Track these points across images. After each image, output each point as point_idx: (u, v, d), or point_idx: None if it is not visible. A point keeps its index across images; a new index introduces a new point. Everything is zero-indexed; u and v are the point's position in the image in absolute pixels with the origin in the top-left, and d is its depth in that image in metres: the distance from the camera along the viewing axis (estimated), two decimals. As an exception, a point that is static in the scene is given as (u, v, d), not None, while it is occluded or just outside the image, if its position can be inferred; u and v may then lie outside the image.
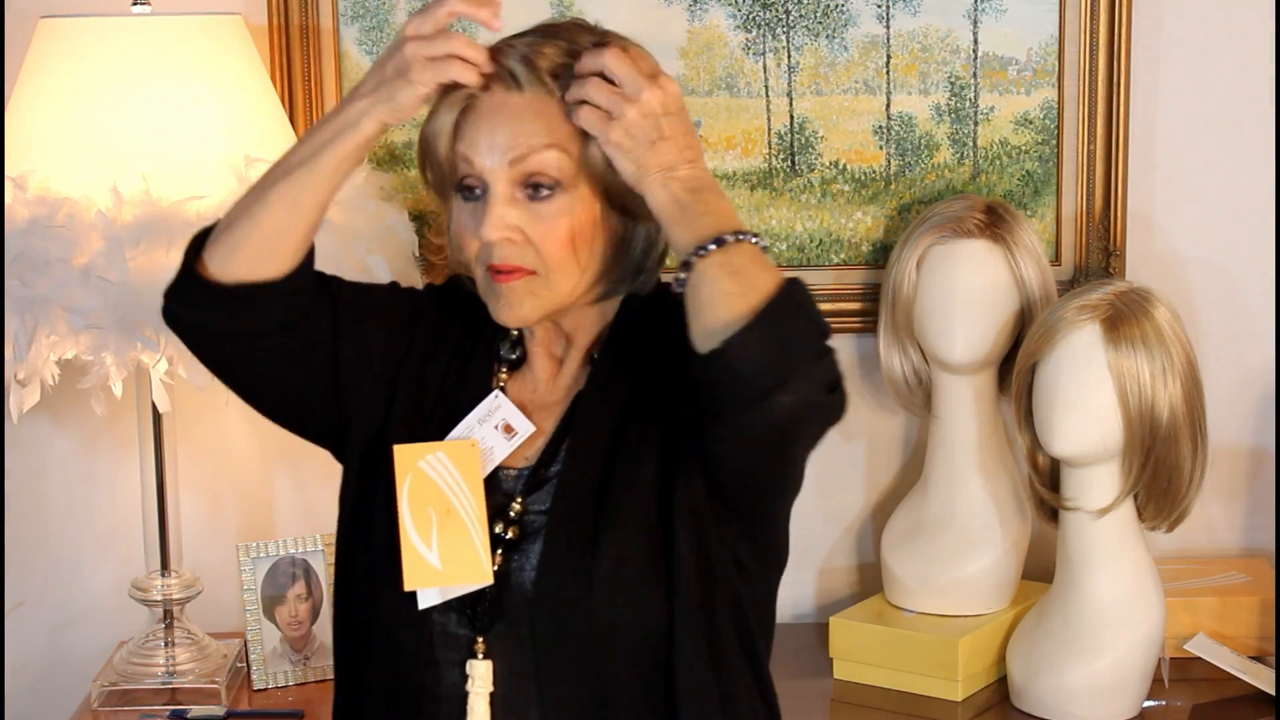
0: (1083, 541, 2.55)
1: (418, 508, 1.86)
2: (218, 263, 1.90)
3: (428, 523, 1.86)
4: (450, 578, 1.86)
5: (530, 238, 1.85)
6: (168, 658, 2.71)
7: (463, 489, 1.87)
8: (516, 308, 1.87)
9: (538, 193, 1.84)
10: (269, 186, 1.89)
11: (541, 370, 1.98)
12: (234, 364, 1.98)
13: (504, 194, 1.84)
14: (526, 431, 1.92)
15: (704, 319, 1.73)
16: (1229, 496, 2.96)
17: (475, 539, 1.86)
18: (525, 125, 1.83)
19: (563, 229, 1.85)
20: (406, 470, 1.87)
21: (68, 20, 2.56)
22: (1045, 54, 2.85)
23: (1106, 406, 2.48)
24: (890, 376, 2.80)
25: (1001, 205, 2.74)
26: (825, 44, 2.85)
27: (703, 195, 1.78)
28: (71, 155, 2.51)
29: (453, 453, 1.89)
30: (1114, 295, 2.51)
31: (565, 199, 1.85)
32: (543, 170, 1.83)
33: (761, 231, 2.88)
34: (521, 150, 1.83)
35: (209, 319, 1.92)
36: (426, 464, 1.88)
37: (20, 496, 2.92)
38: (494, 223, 1.83)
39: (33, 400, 2.53)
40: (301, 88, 2.82)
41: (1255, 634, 2.72)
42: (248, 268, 1.89)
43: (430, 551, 1.86)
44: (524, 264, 1.85)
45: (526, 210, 1.84)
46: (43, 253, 2.45)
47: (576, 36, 1.87)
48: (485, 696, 1.86)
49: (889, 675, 2.69)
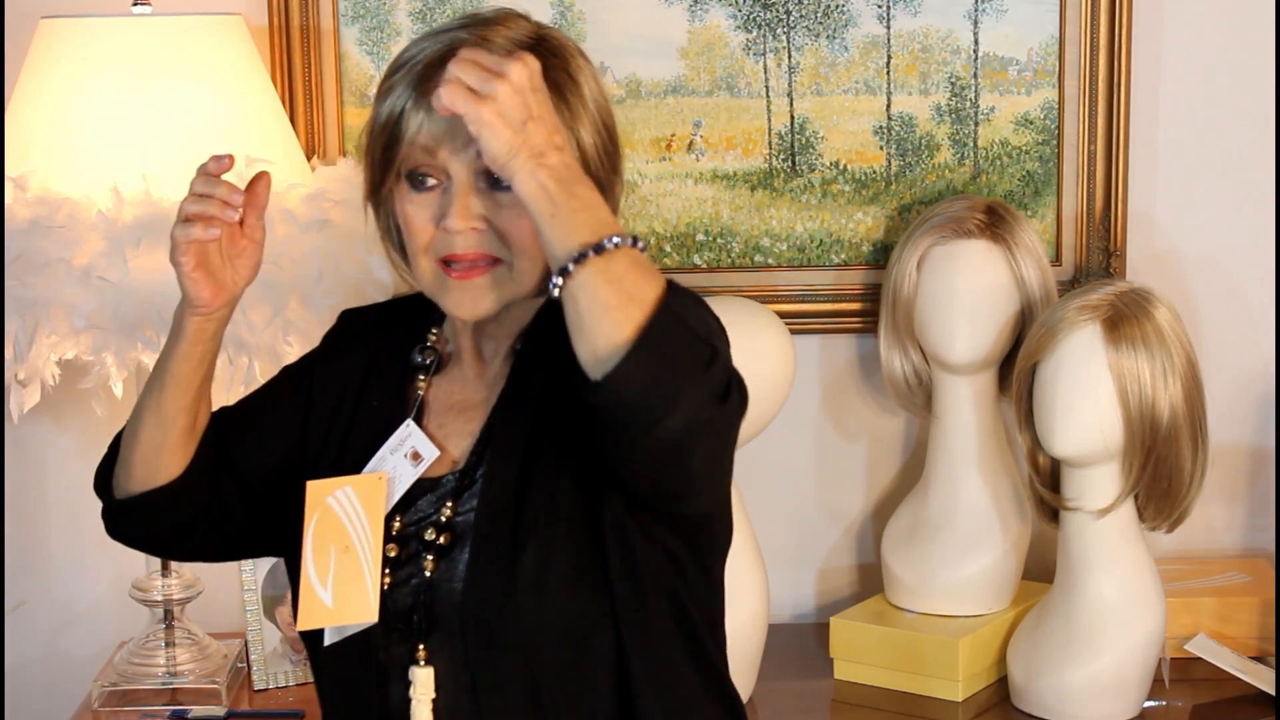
0: (1083, 542, 2.55)
1: (320, 546, 1.87)
2: (120, 483, 2.04)
3: (326, 561, 1.87)
4: (339, 616, 1.86)
5: (496, 226, 1.83)
6: (168, 658, 2.71)
7: (363, 525, 1.87)
8: (479, 301, 1.85)
9: (499, 182, 1.81)
10: (140, 405, 1.98)
11: (469, 366, 1.95)
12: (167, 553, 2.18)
13: (468, 183, 1.82)
14: (432, 456, 1.90)
15: (586, 338, 1.66)
16: (1229, 497, 2.96)
17: (367, 577, 1.85)
18: None
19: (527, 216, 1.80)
20: (315, 507, 1.88)
21: (68, 20, 2.56)
22: (1046, 54, 2.85)
23: (1107, 407, 2.48)
24: (890, 377, 2.80)
25: (1002, 205, 2.74)
26: (826, 44, 2.85)
27: (574, 189, 1.69)
28: (72, 155, 2.51)
29: (359, 487, 1.89)
30: (1114, 295, 2.50)
31: None
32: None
33: (764, 236, 2.88)
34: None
35: (129, 529, 2.06)
36: (334, 499, 1.89)
37: (20, 496, 2.92)
38: (461, 212, 1.82)
39: (33, 400, 2.53)
40: (301, 88, 2.82)
41: (1255, 634, 2.72)
42: (140, 481, 2.00)
43: (325, 590, 1.86)
44: (490, 251, 1.83)
45: (489, 199, 1.83)
46: (43, 253, 2.45)
47: (516, 23, 1.86)
48: (428, 703, 1.85)
49: (889, 675, 2.69)
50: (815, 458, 2.97)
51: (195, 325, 1.91)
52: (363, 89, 2.84)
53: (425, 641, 1.86)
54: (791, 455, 2.95)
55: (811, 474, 2.98)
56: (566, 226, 1.67)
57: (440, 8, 2.83)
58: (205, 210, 1.86)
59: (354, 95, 2.84)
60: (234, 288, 1.91)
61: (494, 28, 1.84)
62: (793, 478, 2.96)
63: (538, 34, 1.86)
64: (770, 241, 2.88)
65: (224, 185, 1.88)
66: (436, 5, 2.83)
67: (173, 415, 1.95)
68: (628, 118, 2.84)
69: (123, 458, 2.01)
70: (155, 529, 2.03)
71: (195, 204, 1.87)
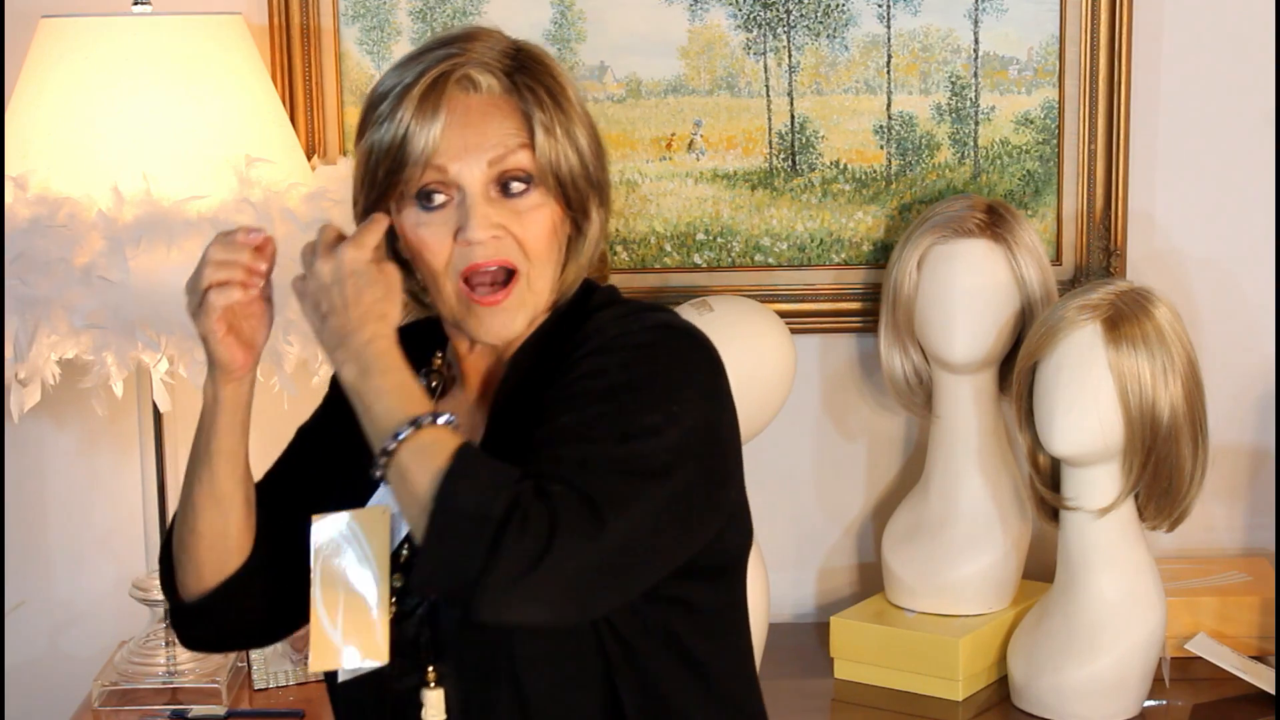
0: (1083, 541, 2.55)
1: (328, 584, 1.85)
2: (191, 585, 1.95)
3: (335, 600, 1.85)
4: (349, 658, 1.84)
5: (514, 234, 1.82)
6: (168, 657, 2.71)
7: (369, 560, 1.85)
8: (510, 323, 1.84)
9: (509, 189, 1.82)
10: (190, 498, 1.93)
11: (474, 389, 1.93)
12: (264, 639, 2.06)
13: (483, 195, 1.82)
14: None
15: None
16: (1230, 496, 2.96)
17: (374, 617, 1.83)
18: (495, 125, 1.82)
19: (544, 221, 1.83)
20: (320, 545, 1.86)
21: (68, 20, 2.56)
22: (1046, 53, 2.85)
23: (1107, 406, 2.48)
24: (891, 376, 2.80)
25: (1002, 205, 2.74)
26: (826, 44, 2.85)
27: (369, 382, 1.74)
28: (72, 155, 2.51)
29: (364, 521, 1.86)
30: (1115, 295, 2.50)
31: (539, 193, 1.83)
32: (520, 167, 1.81)
33: (765, 236, 2.88)
34: (499, 151, 1.81)
35: (218, 629, 1.98)
36: (340, 535, 1.86)
37: (20, 496, 2.92)
38: (481, 222, 1.80)
39: (33, 400, 2.53)
40: (301, 88, 2.82)
41: (1256, 634, 2.72)
42: (215, 574, 1.94)
43: (335, 630, 1.84)
44: (510, 258, 1.82)
45: (505, 208, 1.82)
46: (43, 252, 2.45)
47: (491, 36, 1.87)
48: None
49: (890, 675, 2.69)
50: (815, 458, 2.97)
51: (231, 392, 1.88)
52: (362, 89, 2.84)
53: (435, 664, 1.85)
54: (791, 455, 2.95)
55: (811, 474, 2.98)
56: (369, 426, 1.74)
57: (440, 8, 2.83)
58: (233, 276, 1.85)
59: (354, 95, 2.84)
60: (258, 347, 1.89)
61: (474, 44, 1.85)
62: (793, 477, 2.96)
63: (515, 46, 1.87)
64: (770, 241, 2.88)
65: (247, 253, 1.87)
66: (436, 5, 2.83)
67: (230, 493, 1.91)
68: (628, 117, 2.84)
69: (189, 558, 1.94)
70: (241, 617, 1.97)
71: (222, 271, 1.85)
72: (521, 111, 1.82)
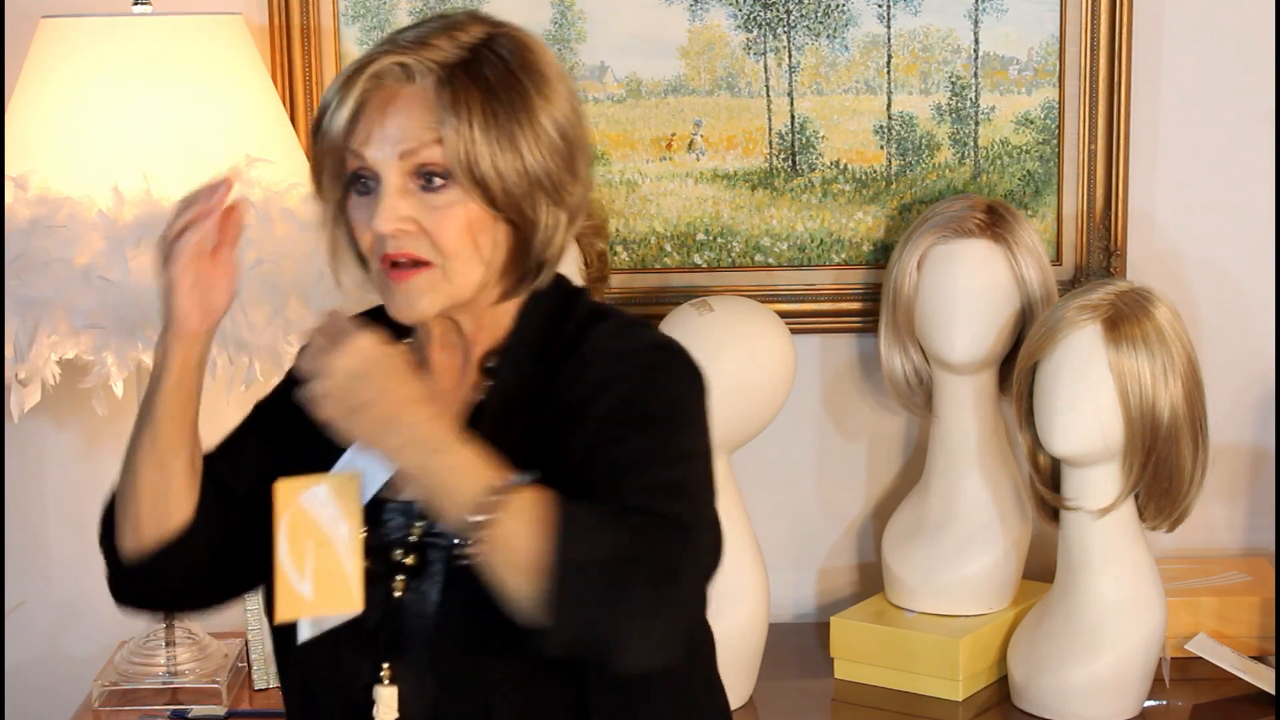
0: (1084, 541, 2.55)
1: (295, 542, 1.84)
2: (129, 544, 1.96)
3: (302, 556, 1.83)
4: (320, 607, 1.83)
5: (425, 228, 1.80)
6: (168, 657, 2.71)
7: (340, 520, 1.84)
8: (414, 303, 1.83)
9: (430, 183, 1.79)
10: (132, 456, 1.93)
11: (441, 378, 1.92)
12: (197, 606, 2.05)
13: (396, 185, 1.80)
14: None
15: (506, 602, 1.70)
16: (1230, 496, 2.96)
17: (348, 569, 1.82)
18: (415, 118, 1.79)
19: (458, 218, 1.80)
20: (287, 506, 1.84)
21: (68, 20, 2.56)
22: (1046, 54, 2.85)
23: (1107, 406, 2.48)
24: (891, 376, 2.80)
25: (1002, 205, 2.74)
26: (826, 44, 2.85)
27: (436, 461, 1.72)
28: (72, 155, 2.51)
29: (334, 485, 1.85)
30: (1115, 295, 2.51)
31: (459, 189, 1.80)
32: (433, 162, 1.79)
33: (765, 236, 2.88)
34: (411, 144, 1.79)
35: (154, 590, 1.99)
36: (307, 498, 1.85)
37: (20, 496, 2.92)
38: (386, 214, 1.79)
39: (33, 400, 2.53)
40: (302, 88, 2.82)
41: (1256, 634, 2.72)
42: (154, 533, 1.94)
43: (303, 582, 1.82)
44: (419, 254, 1.80)
45: (420, 201, 1.80)
46: (43, 252, 2.45)
47: (469, 28, 1.84)
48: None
49: (890, 675, 2.69)
50: (816, 457, 2.97)
51: (181, 353, 1.88)
52: (363, 89, 2.84)
53: (391, 661, 1.85)
54: (792, 455, 2.94)
55: (812, 474, 2.98)
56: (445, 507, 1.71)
57: (440, 7, 2.83)
58: (193, 217, 1.85)
59: (354, 95, 2.84)
60: (216, 313, 1.89)
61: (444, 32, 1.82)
62: (793, 478, 2.96)
63: (487, 35, 1.83)
64: (770, 241, 2.88)
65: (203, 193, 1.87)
66: (436, 5, 2.83)
67: (170, 454, 1.91)
68: (628, 117, 2.84)
69: (127, 516, 1.95)
70: (176, 581, 1.96)
71: (183, 216, 1.86)
72: (443, 106, 1.79)
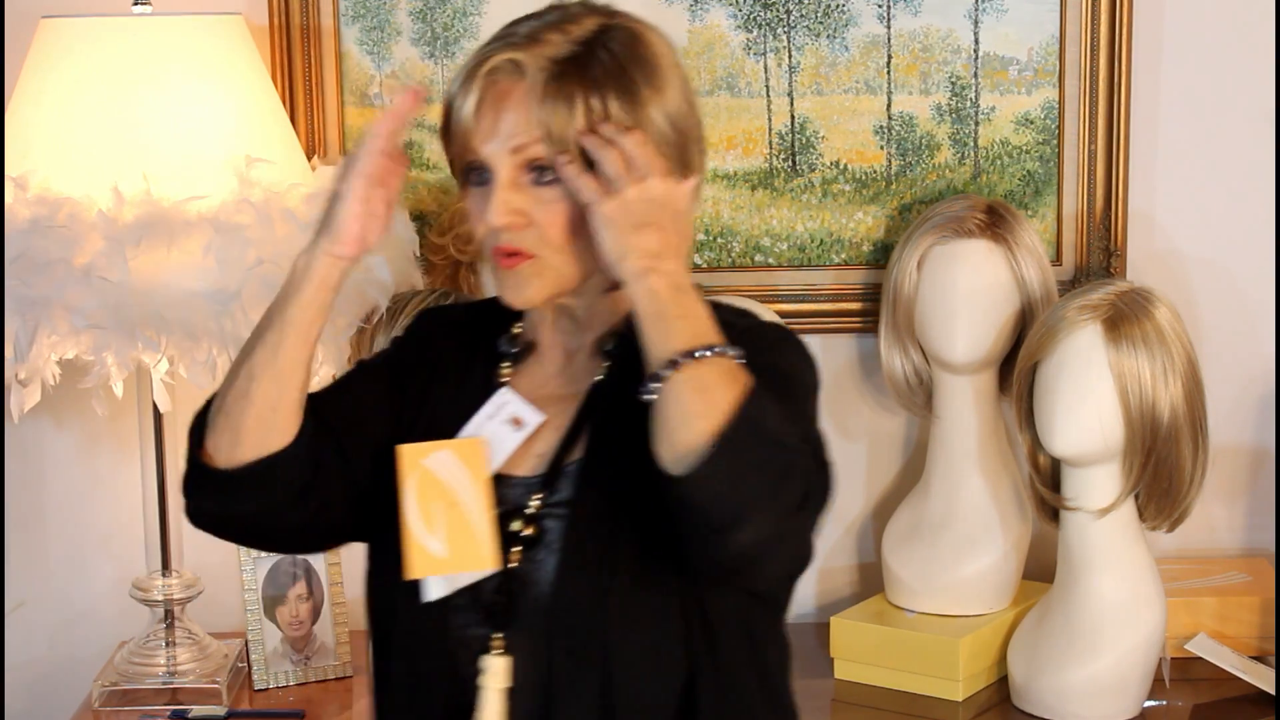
0: (1084, 541, 2.55)
1: (424, 503, 1.85)
2: (225, 451, 1.90)
3: (432, 516, 1.85)
4: (454, 565, 1.84)
5: (535, 220, 1.85)
6: (169, 658, 2.71)
7: (468, 484, 1.86)
8: (522, 289, 1.87)
9: (541, 176, 1.84)
10: (248, 361, 1.89)
11: (551, 363, 1.96)
12: (263, 538, 2.01)
13: (508, 179, 1.84)
14: (535, 422, 1.91)
15: (667, 437, 1.74)
16: (1230, 496, 2.96)
17: (480, 528, 1.84)
18: (525, 113, 1.83)
19: (565, 211, 1.84)
20: (413, 469, 1.86)
21: (68, 20, 2.56)
22: (1046, 54, 2.85)
23: (1107, 406, 2.48)
24: (891, 376, 2.80)
25: (1002, 205, 2.74)
26: (826, 44, 2.85)
27: (681, 298, 1.77)
28: (72, 155, 2.51)
29: (459, 450, 1.88)
30: (1115, 295, 2.51)
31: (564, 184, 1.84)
32: (541, 156, 1.83)
33: (765, 236, 2.88)
34: (521, 139, 1.83)
35: (232, 505, 1.93)
36: (432, 462, 1.87)
37: (20, 496, 2.92)
38: (499, 207, 1.83)
39: (33, 400, 2.53)
40: (302, 88, 2.82)
41: (1256, 634, 2.72)
42: (254, 447, 1.89)
43: (434, 541, 1.84)
44: (524, 247, 1.85)
45: (530, 194, 1.85)
46: (43, 253, 2.45)
47: (583, 20, 1.88)
48: (499, 691, 1.85)
49: (890, 675, 2.69)
50: (815, 457, 2.97)
51: (326, 268, 1.87)
52: (363, 89, 2.84)
53: (504, 631, 1.86)
54: (792, 455, 2.94)
55: (812, 474, 2.97)
56: (666, 332, 1.75)
57: (440, 8, 2.83)
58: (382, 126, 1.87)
59: (354, 95, 2.85)
60: (367, 244, 1.89)
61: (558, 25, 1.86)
62: (793, 477, 2.95)
63: (600, 28, 1.87)
64: (771, 241, 2.88)
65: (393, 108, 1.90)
66: (436, 5, 2.83)
67: (291, 369, 1.88)
68: (628, 117, 2.83)
69: (229, 425, 1.88)
70: (258, 503, 1.91)
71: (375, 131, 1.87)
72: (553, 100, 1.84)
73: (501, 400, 1.93)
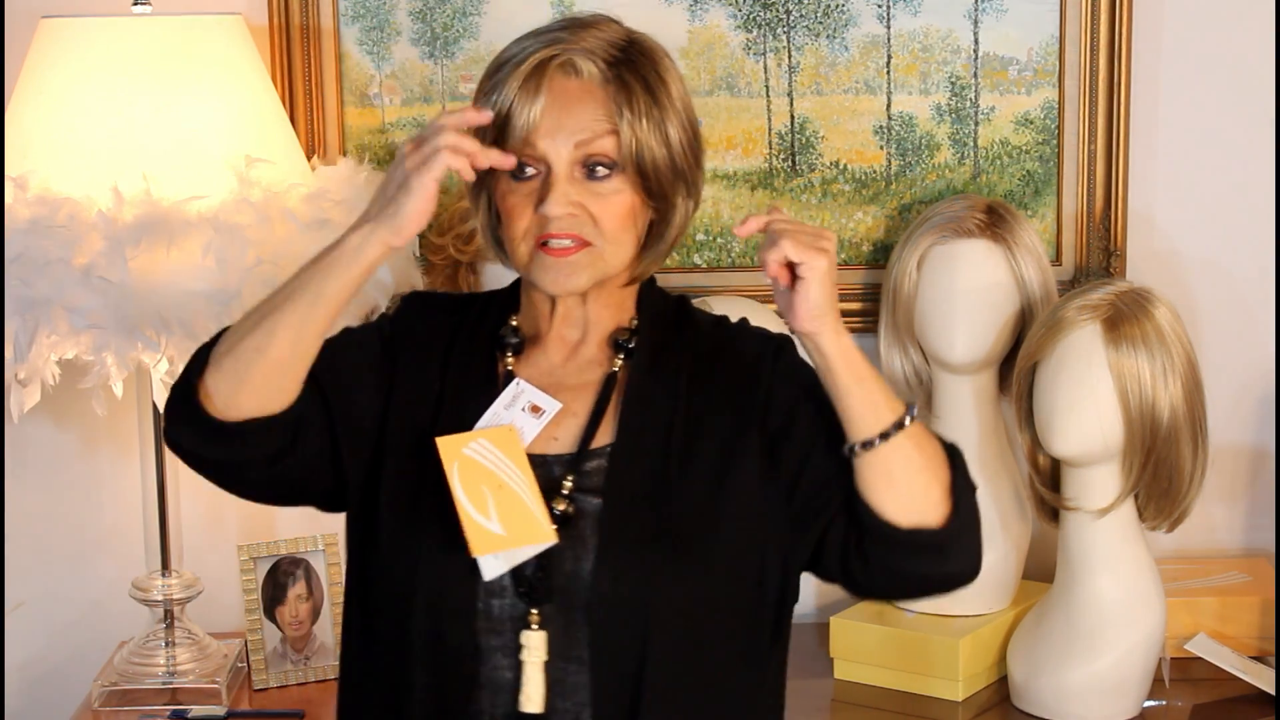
0: (1083, 541, 2.55)
1: (471, 488, 1.92)
2: (223, 398, 1.93)
3: (483, 499, 1.91)
4: (515, 541, 1.90)
5: (591, 213, 1.93)
6: (168, 658, 2.71)
7: (510, 467, 1.93)
8: (573, 276, 1.93)
9: (594, 173, 1.92)
10: (272, 316, 1.90)
11: (556, 353, 2.02)
12: (233, 484, 2.03)
13: (566, 173, 1.92)
14: (554, 409, 1.97)
15: (896, 494, 1.90)
16: (1229, 496, 2.96)
17: (531, 505, 1.91)
18: (587, 110, 1.92)
19: (622, 204, 1.94)
20: (453, 458, 1.93)
21: (68, 20, 2.56)
22: (1046, 54, 2.85)
23: (1107, 406, 2.48)
24: (891, 376, 2.80)
25: (1002, 205, 2.74)
26: (826, 44, 2.85)
27: (868, 362, 1.91)
28: (72, 155, 2.51)
29: (494, 438, 1.94)
30: (1114, 295, 2.51)
31: (621, 178, 1.93)
32: (604, 153, 1.92)
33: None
34: (586, 135, 1.92)
35: (208, 450, 1.97)
36: (472, 450, 1.93)
37: (20, 496, 2.92)
38: (560, 199, 1.91)
39: (33, 400, 2.53)
40: (301, 88, 2.82)
41: (1256, 634, 2.72)
42: (253, 405, 1.92)
43: (490, 521, 1.90)
44: (583, 234, 1.92)
45: (585, 188, 1.93)
46: (43, 253, 2.45)
47: (605, 26, 1.97)
48: (540, 665, 1.90)
49: (890, 675, 2.69)
50: (815, 457, 2.96)
51: (378, 254, 1.89)
52: (363, 89, 2.84)
53: (540, 607, 1.91)
54: (792, 455, 2.94)
55: (812, 474, 2.97)
56: (874, 399, 1.89)
57: (440, 8, 2.83)
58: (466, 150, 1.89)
59: (354, 95, 2.85)
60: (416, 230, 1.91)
61: (588, 30, 1.95)
62: (793, 477, 2.95)
63: (628, 37, 1.97)
64: (770, 241, 2.88)
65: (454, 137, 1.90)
66: (436, 5, 2.83)
67: (312, 338, 1.91)
68: (628, 117, 2.83)
69: (237, 371, 1.91)
70: (243, 455, 1.95)
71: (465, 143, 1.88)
72: (614, 100, 1.93)
73: (516, 391, 1.99)
